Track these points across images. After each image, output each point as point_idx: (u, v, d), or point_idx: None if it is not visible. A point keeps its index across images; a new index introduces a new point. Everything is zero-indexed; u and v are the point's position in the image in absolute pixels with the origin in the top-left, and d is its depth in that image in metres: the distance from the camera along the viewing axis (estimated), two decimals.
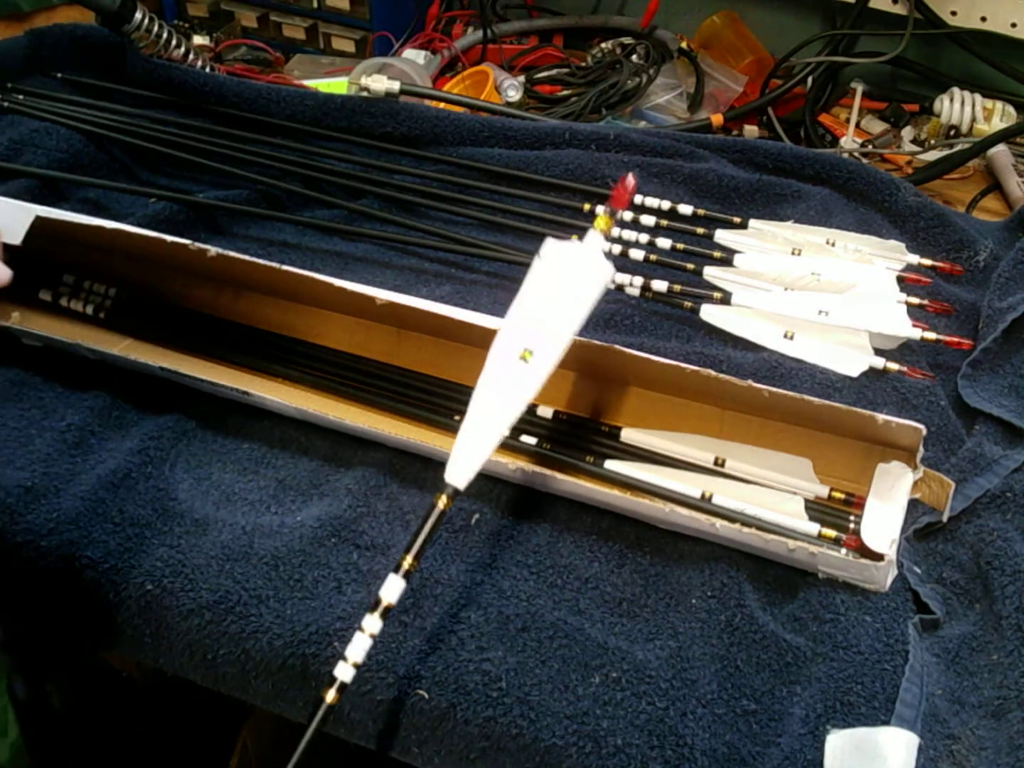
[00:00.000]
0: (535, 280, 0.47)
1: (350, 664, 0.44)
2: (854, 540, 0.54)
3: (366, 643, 0.45)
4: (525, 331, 0.46)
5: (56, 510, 0.58)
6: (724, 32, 1.14)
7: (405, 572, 0.45)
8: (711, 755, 0.47)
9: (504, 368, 0.45)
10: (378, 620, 0.44)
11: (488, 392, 0.45)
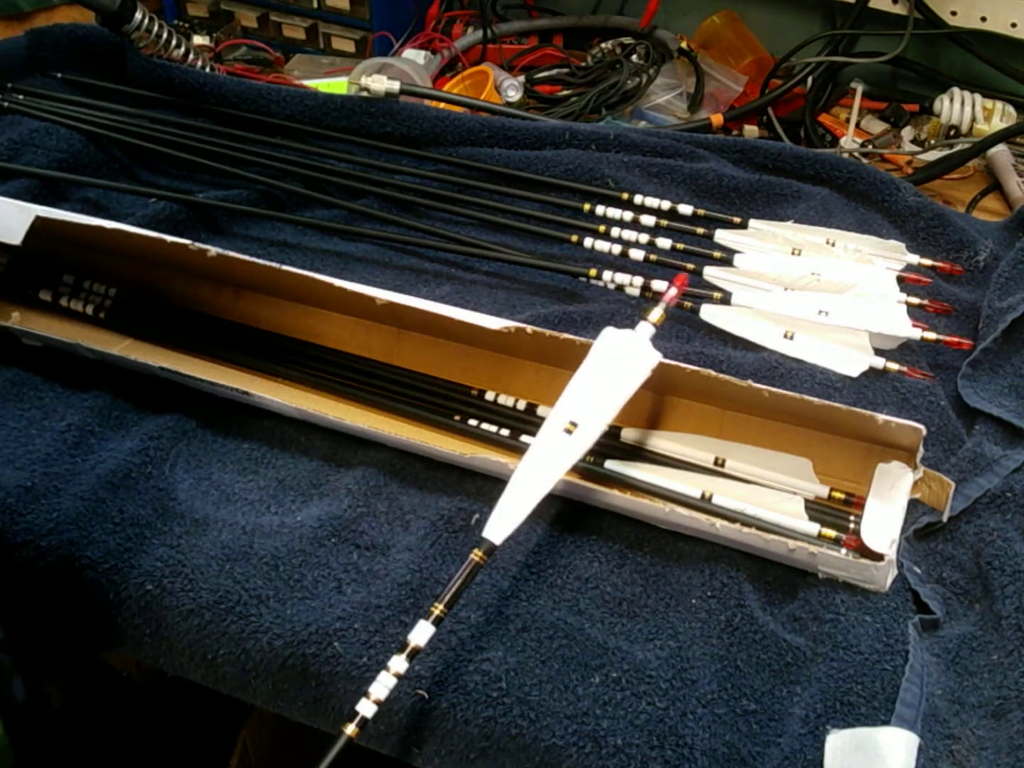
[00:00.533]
0: (589, 363, 0.54)
1: (372, 701, 0.46)
2: (854, 540, 0.54)
3: (390, 682, 0.46)
4: (573, 407, 0.52)
5: (56, 510, 0.58)
6: (724, 32, 1.14)
7: (436, 619, 0.47)
8: (711, 755, 0.47)
9: (551, 438, 0.51)
10: (405, 662, 0.46)
11: (533, 458, 0.51)
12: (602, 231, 0.77)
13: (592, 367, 0.54)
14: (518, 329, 0.59)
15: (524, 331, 0.59)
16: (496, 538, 0.48)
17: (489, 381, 0.66)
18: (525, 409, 0.64)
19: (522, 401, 0.65)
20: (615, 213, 0.79)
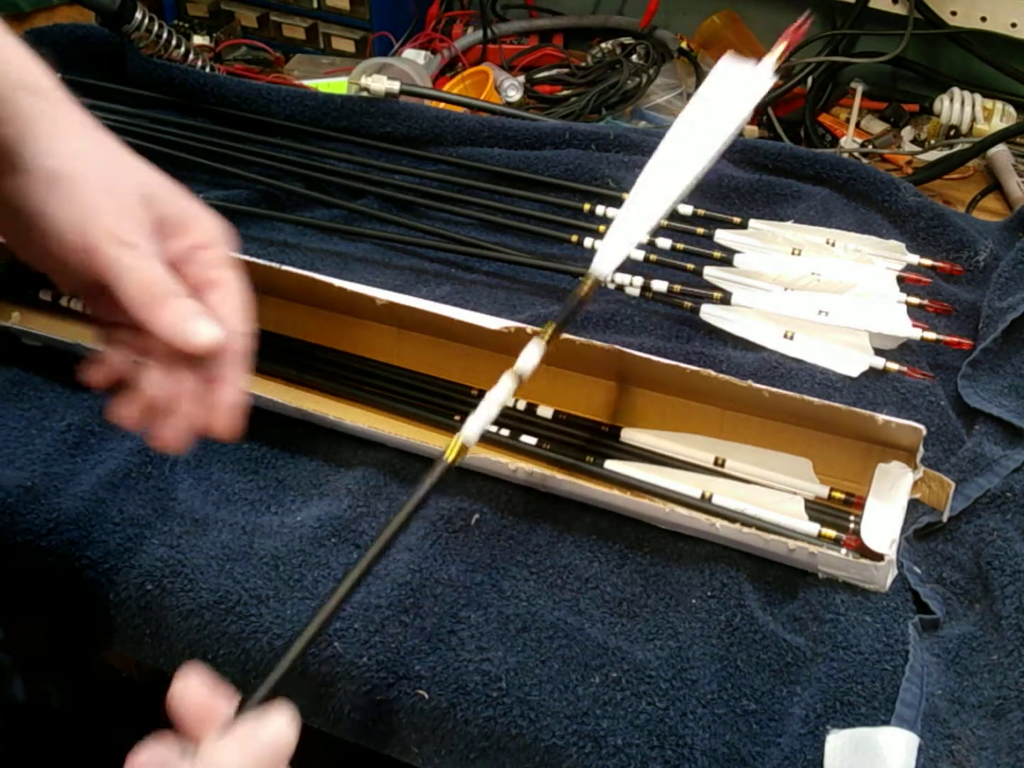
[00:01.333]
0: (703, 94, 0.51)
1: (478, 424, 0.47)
2: (854, 540, 0.54)
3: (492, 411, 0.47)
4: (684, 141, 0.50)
5: (56, 510, 0.58)
6: (724, 32, 1.14)
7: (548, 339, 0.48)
8: (711, 755, 0.47)
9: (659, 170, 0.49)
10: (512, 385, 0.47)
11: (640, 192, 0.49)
12: (602, 231, 0.77)
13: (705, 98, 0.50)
14: (518, 329, 0.59)
15: (524, 331, 0.59)
16: (604, 272, 0.49)
17: (489, 381, 0.65)
18: (525, 409, 0.64)
19: (522, 401, 0.65)
20: (615, 213, 0.79)
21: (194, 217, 0.45)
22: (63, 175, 0.42)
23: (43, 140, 0.42)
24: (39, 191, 0.42)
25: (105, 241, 0.41)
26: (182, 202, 0.45)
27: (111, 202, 0.42)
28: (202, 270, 0.44)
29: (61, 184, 0.42)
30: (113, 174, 0.43)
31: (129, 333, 0.46)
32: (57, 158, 0.42)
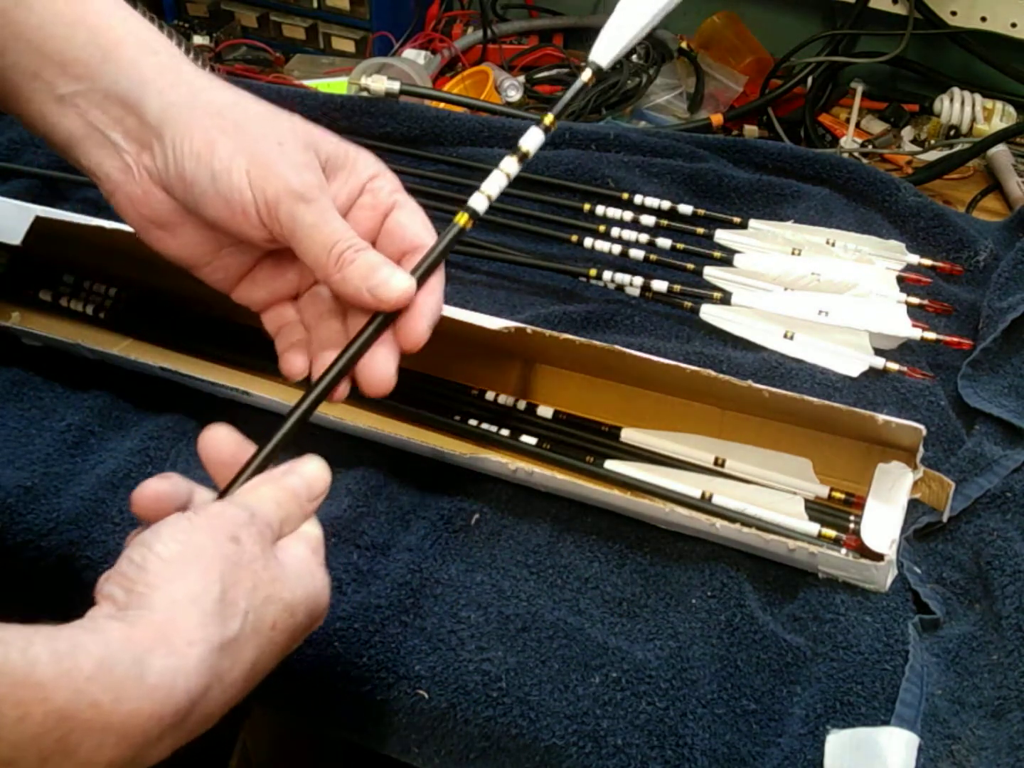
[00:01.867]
0: None
1: (484, 195, 0.45)
2: (854, 540, 0.54)
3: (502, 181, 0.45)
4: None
5: (56, 510, 0.58)
6: (724, 32, 1.14)
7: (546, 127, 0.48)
8: (711, 755, 0.47)
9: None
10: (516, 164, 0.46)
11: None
12: (602, 231, 0.77)
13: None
14: (518, 329, 0.59)
15: (524, 331, 0.59)
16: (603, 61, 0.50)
17: (489, 381, 0.66)
18: (525, 409, 0.64)
19: (522, 401, 0.65)
20: (615, 213, 0.79)
21: (353, 153, 0.44)
22: (224, 129, 0.40)
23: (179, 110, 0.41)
24: (194, 154, 0.40)
25: (285, 198, 0.40)
26: (336, 141, 0.44)
27: (282, 155, 0.41)
28: (377, 197, 0.44)
29: (221, 142, 0.40)
30: (273, 124, 0.42)
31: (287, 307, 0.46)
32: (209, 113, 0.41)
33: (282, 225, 0.40)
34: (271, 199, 0.40)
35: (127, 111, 0.41)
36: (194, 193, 0.40)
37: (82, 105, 0.41)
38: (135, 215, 0.43)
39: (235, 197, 0.40)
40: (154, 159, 0.41)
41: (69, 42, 0.41)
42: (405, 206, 0.44)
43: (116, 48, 0.42)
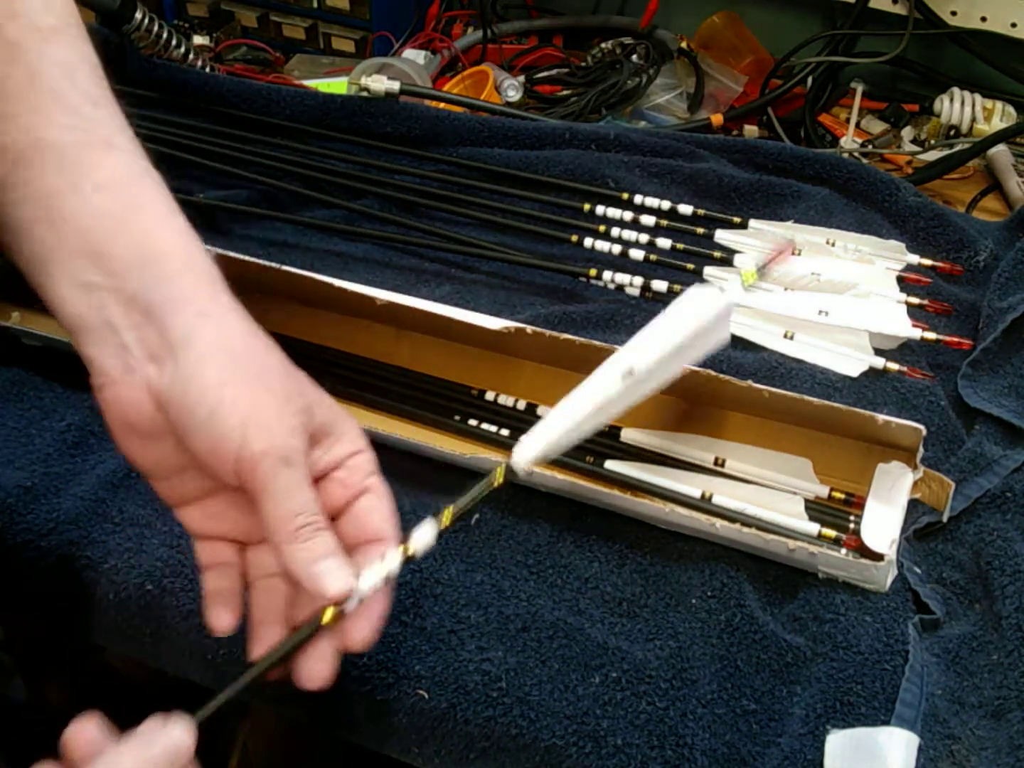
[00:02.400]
0: (667, 316, 0.49)
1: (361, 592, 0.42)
2: (854, 540, 0.54)
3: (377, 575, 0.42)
4: (636, 356, 0.48)
5: (56, 510, 0.58)
6: (724, 32, 1.14)
7: (441, 531, 0.44)
8: (711, 755, 0.47)
9: (603, 379, 0.47)
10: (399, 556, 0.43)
11: (577, 395, 0.47)
12: (602, 231, 0.77)
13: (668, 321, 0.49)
14: (518, 329, 0.59)
15: (524, 331, 0.59)
16: (521, 462, 0.46)
17: (489, 381, 0.66)
18: (525, 409, 0.64)
19: (522, 401, 0.65)
20: (615, 213, 0.79)
21: (343, 422, 0.44)
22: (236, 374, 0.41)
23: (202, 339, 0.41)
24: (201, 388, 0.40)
25: (268, 457, 0.40)
26: (332, 408, 0.44)
27: (280, 416, 0.41)
28: (353, 475, 0.44)
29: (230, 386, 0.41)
30: (282, 381, 0.43)
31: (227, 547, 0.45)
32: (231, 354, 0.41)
33: (256, 480, 0.40)
34: (256, 454, 0.40)
35: (149, 321, 0.41)
36: (186, 421, 0.41)
37: (105, 299, 0.41)
38: (118, 416, 0.42)
39: (223, 442, 0.40)
40: (160, 374, 0.41)
41: (113, 238, 0.41)
42: (376, 492, 0.44)
43: (158, 259, 0.42)
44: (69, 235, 0.41)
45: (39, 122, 0.42)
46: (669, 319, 0.49)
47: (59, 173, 0.42)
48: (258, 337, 0.44)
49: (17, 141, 0.41)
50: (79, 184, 0.42)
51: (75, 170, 0.42)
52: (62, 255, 0.42)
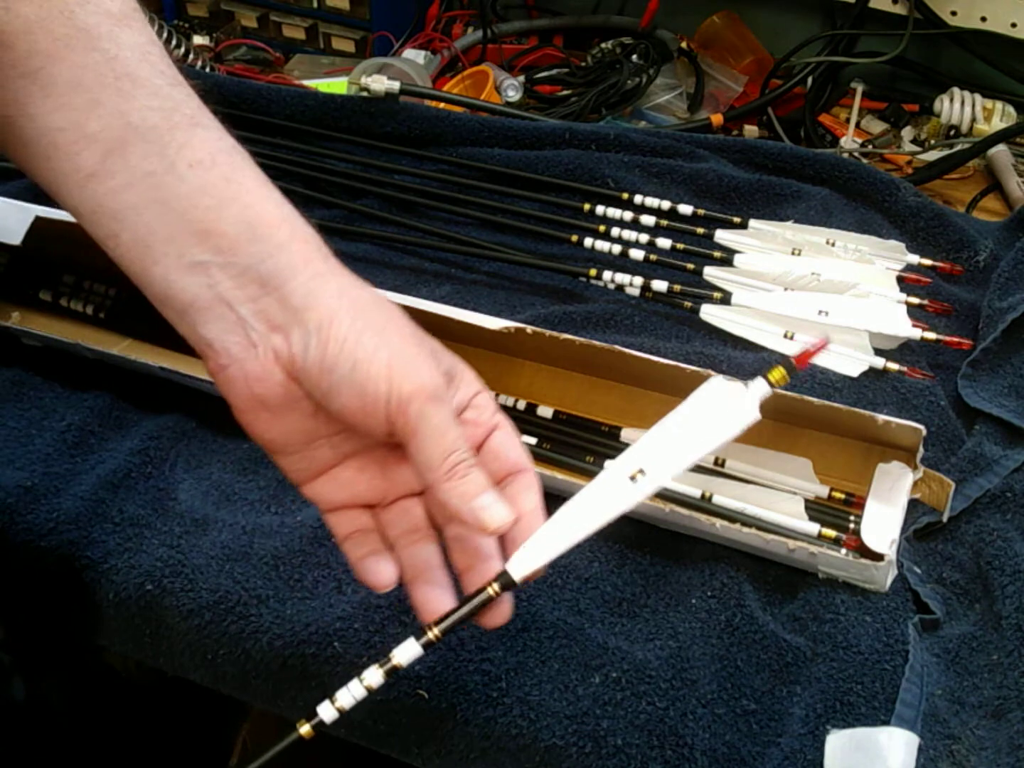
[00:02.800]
0: (685, 409, 0.47)
1: (335, 708, 0.41)
2: (854, 540, 0.54)
3: (360, 693, 0.42)
4: (647, 453, 0.46)
5: (56, 510, 0.58)
6: (724, 32, 1.14)
7: (427, 642, 0.42)
8: (711, 755, 0.47)
9: (610, 480, 0.45)
10: (381, 677, 0.42)
11: (584, 498, 0.45)
12: (602, 231, 0.77)
13: (684, 415, 0.47)
14: (518, 329, 0.59)
15: (524, 331, 0.59)
16: (516, 574, 0.44)
17: (489, 381, 0.65)
18: (525, 409, 0.64)
19: (522, 401, 0.65)
20: (615, 213, 0.79)
21: (461, 368, 0.45)
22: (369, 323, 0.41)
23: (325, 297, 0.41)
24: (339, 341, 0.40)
25: (418, 397, 0.40)
26: (451, 355, 0.45)
27: (419, 355, 0.41)
28: (481, 415, 0.44)
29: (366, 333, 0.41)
30: (410, 327, 0.43)
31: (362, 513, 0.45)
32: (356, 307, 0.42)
33: (408, 422, 0.40)
34: (405, 395, 0.40)
35: (266, 291, 0.41)
36: (330, 379, 0.41)
37: (216, 276, 0.41)
38: (246, 392, 0.42)
39: (371, 388, 0.40)
40: (288, 341, 0.41)
41: (217, 214, 0.41)
42: (505, 427, 0.45)
43: (265, 231, 0.41)
44: (171, 216, 0.41)
45: (125, 107, 0.41)
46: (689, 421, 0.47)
47: (153, 156, 0.41)
48: (374, 291, 0.44)
49: (106, 128, 0.41)
50: (175, 164, 0.41)
51: (168, 151, 0.41)
52: (166, 237, 0.41)
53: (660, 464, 0.45)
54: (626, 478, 0.44)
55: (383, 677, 0.42)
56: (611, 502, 0.44)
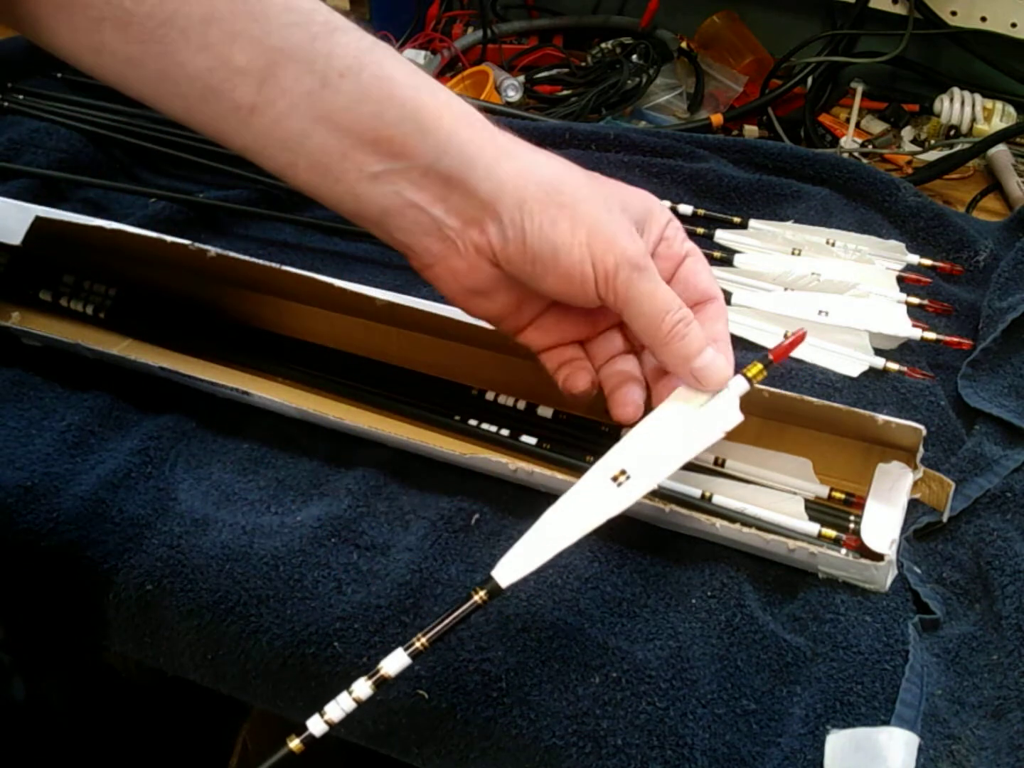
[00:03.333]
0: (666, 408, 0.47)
1: (324, 721, 0.42)
2: (854, 540, 0.54)
3: (349, 706, 0.42)
4: (629, 455, 0.46)
5: (56, 510, 0.58)
6: (724, 32, 1.14)
7: (414, 651, 0.42)
8: (711, 755, 0.47)
9: (594, 483, 0.45)
10: (370, 688, 0.42)
11: (568, 502, 0.45)
12: None
13: (664, 416, 0.47)
14: None
15: None
16: (503, 580, 0.44)
17: (489, 381, 0.66)
18: (525, 409, 0.64)
19: (522, 401, 0.65)
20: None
21: (649, 204, 0.46)
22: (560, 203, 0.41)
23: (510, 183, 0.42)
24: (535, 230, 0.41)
25: (623, 267, 0.41)
26: (639, 196, 0.46)
27: (613, 224, 0.42)
28: (672, 246, 0.46)
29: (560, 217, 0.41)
30: (599, 192, 0.43)
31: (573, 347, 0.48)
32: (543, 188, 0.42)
33: (617, 294, 0.42)
34: (610, 270, 0.41)
35: (451, 188, 0.41)
36: (534, 267, 0.42)
37: (399, 182, 0.41)
38: (456, 287, 0.44)
39: (576, 270, 0.41)
40: (485, 235, 0.42)
41: (381, 119, 0.41)
42: (695, 255, 0.46)
43: (434, 124, 0.42)
44: (339, 133, 0.41)
45: (264, 30, 0.41)
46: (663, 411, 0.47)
47: (304, 74, 0.41)
48: (556, 160, 0.44)
49: (253, 58, 0.41)
50: (327, 77, 0.41)
51: (317, 65, 0.41)
52: (340, 155, 0.41)
53: (644, 467, 0.45)
54: (608, 480, 0.45)
55: (371, 689, 0.42)
56: (595, 507, 0.44)
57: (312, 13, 0.43)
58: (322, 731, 0.42)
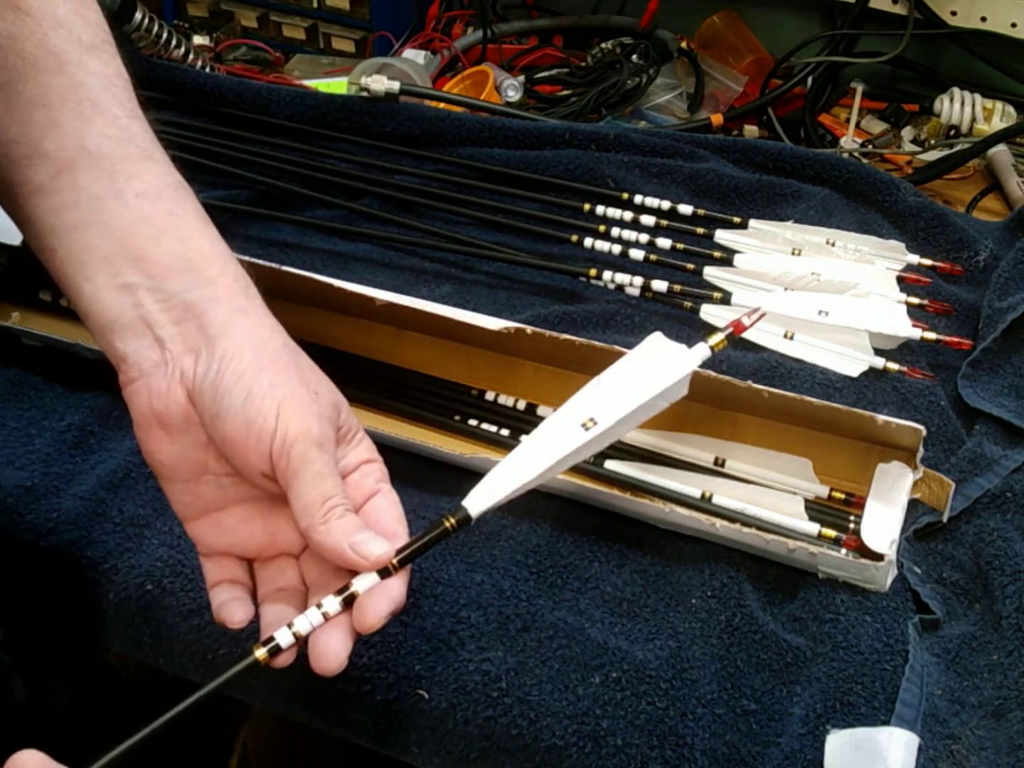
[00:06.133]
0: (627, 362, 0.48)
1: (292, 633, 0.42)
2: (854, 540, 0.54)
3: (317, 619, 0.42)
4: (598, 406, 0.46)
5: (56, 510, 0.58)
6: (724, 32, 1.14)
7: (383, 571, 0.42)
8: (711, 755, 0.47)
9: (561, 427, 0.46)
10: (339, 604, 0.42)
11: (535, 441, 0.46)
12: (602, 231, 0.77)
13: (628, 368, 0.48)
14: (518, 329, 0.59)
15: (524, 331, 0.59)
16: (473, 509, 0.45)
17: (489, 381, 0.66)
18: (525, 409, 0.64)
19: (522, 401, 0.65)
20: (615, 213, 0.79)
21: (360, 432, 0.46)
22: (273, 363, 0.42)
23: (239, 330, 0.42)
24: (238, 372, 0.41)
25: (304, 439, 0.41)
26: (352, 415, 0.45)
27: (314, 404, 0.42)
28: (366, 479, 0.45)
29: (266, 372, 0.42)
30: (315, 378, 0.44)
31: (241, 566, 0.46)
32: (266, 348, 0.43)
33: (289, 464, 0.41)
34: (290, 436, 0.41)
35: (188, 316, 0.42)
36: (221, 405, 0.41)
37: (142, 298, 0.42)
38: (146, 407, 0.43)
39: (258, 421, 0.41)
40: (195, 363, 0.42)
41: (155, 243, 0.43)
42: (388, 496, 0.45)
43: (198, 264, 0.43)
44: (110, 239, 0.43)
45: (83, 131, 0.43)
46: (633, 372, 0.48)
47: (102, 180, 0.43)
48: (289, 340, 0.45)
49: (61, 148, 0.42)
50: (122, 191, 0.43)
51: (118, 178, 0.43)
52: (102, 258, 0.43)
53: (607, 410, 0.46)
54: (578, 426, 0.46)
55: (340, 605, 0.42)
56: (563, 446, 0.45)
57: (135, 136, 0.45)
58: (288, 642, 0.42)
